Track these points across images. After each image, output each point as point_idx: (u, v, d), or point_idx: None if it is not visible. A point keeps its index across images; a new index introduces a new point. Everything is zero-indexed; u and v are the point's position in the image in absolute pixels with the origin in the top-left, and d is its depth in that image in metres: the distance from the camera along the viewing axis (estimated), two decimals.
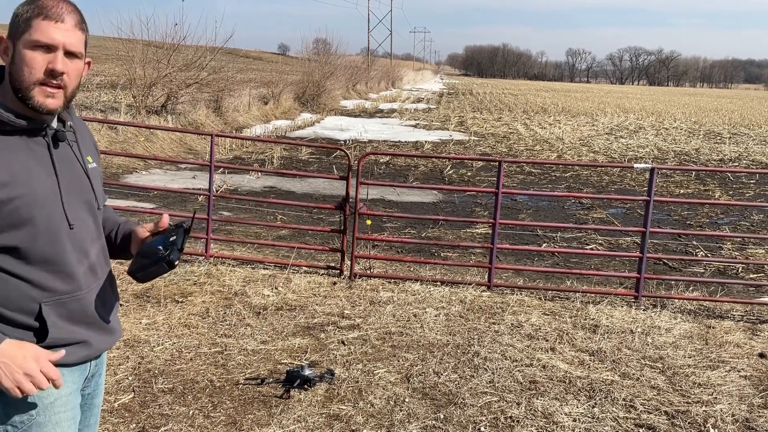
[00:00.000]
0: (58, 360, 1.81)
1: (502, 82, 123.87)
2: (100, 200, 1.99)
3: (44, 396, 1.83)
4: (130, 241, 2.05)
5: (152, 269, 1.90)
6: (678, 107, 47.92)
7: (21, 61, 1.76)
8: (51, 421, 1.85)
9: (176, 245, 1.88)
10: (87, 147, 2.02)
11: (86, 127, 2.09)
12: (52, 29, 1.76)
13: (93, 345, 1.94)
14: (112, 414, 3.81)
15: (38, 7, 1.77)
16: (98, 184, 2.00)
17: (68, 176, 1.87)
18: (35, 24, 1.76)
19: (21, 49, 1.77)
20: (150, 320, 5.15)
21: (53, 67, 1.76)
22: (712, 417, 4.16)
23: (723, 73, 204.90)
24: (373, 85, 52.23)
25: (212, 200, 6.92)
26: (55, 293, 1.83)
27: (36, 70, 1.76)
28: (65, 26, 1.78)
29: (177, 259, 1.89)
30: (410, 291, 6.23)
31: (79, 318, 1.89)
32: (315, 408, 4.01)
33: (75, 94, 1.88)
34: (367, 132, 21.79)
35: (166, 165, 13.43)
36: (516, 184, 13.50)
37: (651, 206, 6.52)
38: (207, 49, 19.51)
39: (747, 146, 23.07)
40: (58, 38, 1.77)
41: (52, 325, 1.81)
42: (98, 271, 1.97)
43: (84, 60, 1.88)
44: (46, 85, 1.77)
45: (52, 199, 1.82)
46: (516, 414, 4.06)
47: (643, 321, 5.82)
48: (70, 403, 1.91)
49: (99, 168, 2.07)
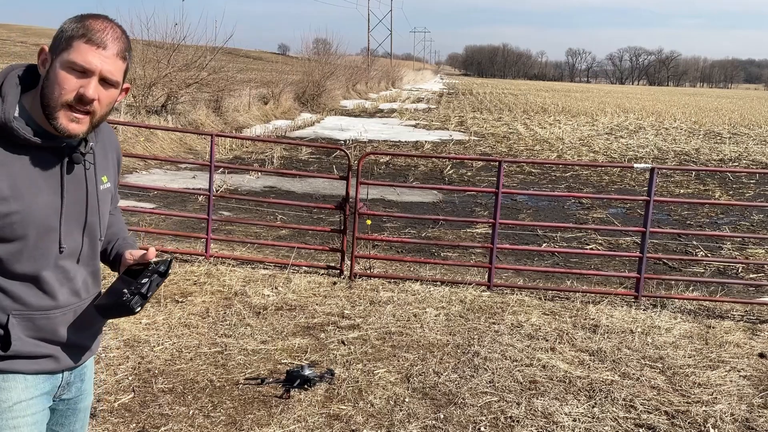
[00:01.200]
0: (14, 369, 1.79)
1: (502, 82, 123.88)
2: (103, 221, 1.94)
3: (2, 400, 1.80)
4: (119, 263, 2.00)
5: (113, 311, 1.86)
6: (678, 107, 47.92)
7: (54, 79, 1.71)
8: (8, 426, 1.81)
9: (143, 290, 1.83)
10: (105, 165, 1.96)
11: (114, 138, 2.04)
12: (91, 54, 1.71)
13: (60, 359, 1.89)
14: (112, 414, 3.81)
15: (84, 27, 1.72)
16: (106, 205, 1.95)
17: (74, 198, 1.82)
18: (76, 45, 1.70)
19: (57, 66, 1.71)
20: (150, 320, 5.15)
21: (84, 92, 1.71)
22: (712, 417, 4.16)
23: (723, 73, 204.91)
24: (373, 85, 52.23)
25: (212, 200, 6.91)
26: (26, 307, 1.78)
27: (66, 92, 1.70)
28: (106, 53, 1.72)
29: (139, 307, 1.83)
30: (410, 291, 6.23)
31: (46, 336, 1.84)
32: (315, 408, 4.01)
33: (104, 119, 1.83)
34: (367, 132, 21.79)
35: (166, 165, 13.43)
36: (516, 184, 13.50)
37: (651, 206, 6.52)
38: (207, 49, 19.51)
39: (747, 146, 23.07)
40: (95, 64, 1.71)
41: (15, 338, 1.77)
42: (81, 293, 1.91)
43: (120, 87, 1.83)
44: (73, 109, 1.72)
45: (50, 219, 1.78)
46: (516, 414, 4.06)
47: (643, 321, 5.82)
48: (32, 408, 1.86)
49: (113, 187, 2.01)
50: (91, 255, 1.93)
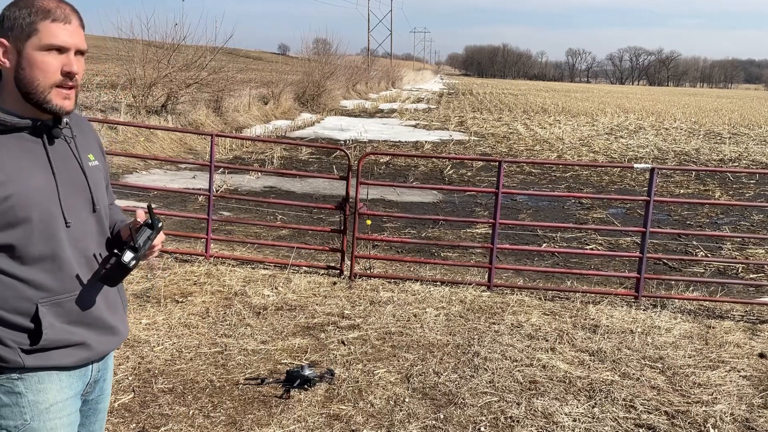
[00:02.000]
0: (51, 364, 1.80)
1: (502, 82, 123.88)
2: (100, 200, 1.95)
3: (40, 401, 1.80)
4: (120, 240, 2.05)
5: (113, 274, 1.88)
6: (678, 107, 47.92)
7: (32, 66, 1.75)
8: (46, 427, 1.82)
9: (131, 243, 1.86)
10: (88, 144, 1.98)
11: (89, 126, 2.06)
12: (62, 31, 1.76)
13: (93, 347, 1.89)
14: (112, 414, 3.81)
15: (41, 10, 1.75)
16: (99, 183, 1.97)
17: (66, 173, 1.84)
18: (43, 27, 1.75)
19: (30, 53, 1.75)
20: (150, 320, 5.15)
21: (69, 69, 1.77)
22: (712, 417, 4.16)
23: (723, 73, 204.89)
24: (373, 85, 52.23)
25: (212, 200, 6.91)
26: (51, 293, 1.79)
27: (51, 74, 1.76)
28: (72, 27, 1.79)
29: (133, 261, 1.86)
30: (410, 291, 6.23)
31: (77, 318, 1.85)
32: (315, 408, 4.01)
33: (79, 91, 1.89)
34: (367, 132, 21.79)
35: (166, 165, 13.43)
36: (516, 184, 13.50)
37: (651, 206, 6.52)
38: (207, 49, 19.51)
39: (747, 146, 23.07)
40: (69, 40, 1.77)
41: (47, 326, 1.77)
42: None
43: None
44: (62, 87, 1.78)
45: (49, 197, 1.79)
46: (516, 414, 4.06)
47: (643, 321, 5.82)
48: (67, 409, 1.88)
49: (103, 166, 2.03)
50: (101, 231, 1.95)
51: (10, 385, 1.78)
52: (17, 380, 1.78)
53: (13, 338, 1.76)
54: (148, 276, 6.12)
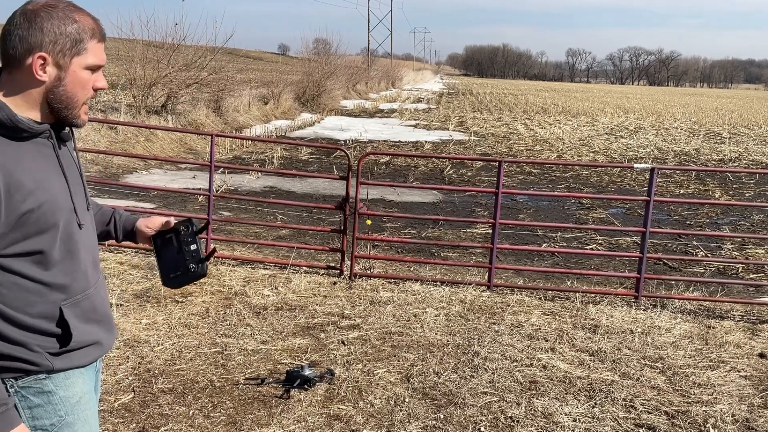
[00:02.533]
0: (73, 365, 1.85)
1: (502, 82, 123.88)
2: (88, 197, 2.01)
3: (70, 396, 1.85)
4: (134, 236, 2.19)
5: (185, 281, 2.09)
6: (678, 107, 47.92)
7: (75, 84, 1.77)
8: (80, 419, 1.88)
9: (199, 255, 2.08)
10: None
11: None
12: (102, 51, 1.81)
13: (103, 344, 1.96)
14: (112, 414, 3.81)
15: (88, 29, 1.77)
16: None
17: (72, 177, 1.88)
18: (91, 47, 1.78)
19: (76, 71, 1.76)
20: (150, 320, 5.15)
21: (101, 86, 1.83)
22: (712, 417, 4.16)
23: (723, 73, 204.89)
24: (373, 85, 52.22)
25: (212, 200, 6.91)
26: (70, 294, 1.82)
27: (87, 91, 1.80)
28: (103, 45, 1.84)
29: (207, 269, 2.10)
30: (410, 291, 6.23)
31: (91, 316, 1.89)
32: (315, 408, 4.01)
33: None
34: (367, 132, 21.79)
35: (166, 165, 13.43)
36: (516, 184, 13.50)
37: (651, 206, 6.52)
38: (207, 49, 19.51)
39: (747, 146, 23.07)
40: (104, 59, 1.83)
41: (74, 327, 1.81)
42: (99, 266, 1.99)
43: None
44: (86, 104, 1.83)
45: (66, 200, 1.82)
46: (516, 414, 4.06)
47: (643, 321, 5.82)
48: (92, 400, 1.96)
49: None
50: (93, 228, 2.00)
51: (39, 386, 1.80)
52: (45, 380, 1.80)
53: (39, 343, 1.77)
54: (148, 276, 6.12)
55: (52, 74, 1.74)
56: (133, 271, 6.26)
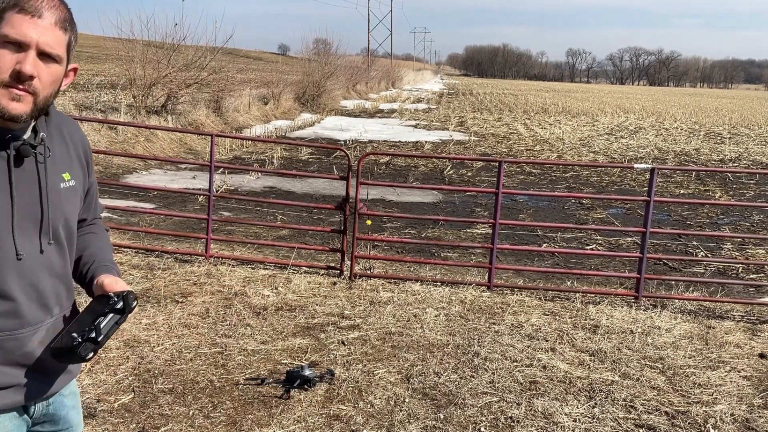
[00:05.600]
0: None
1: (502, 82, 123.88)
2: (63, 228, 1.70)
3: None
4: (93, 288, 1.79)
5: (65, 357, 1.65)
6: (678, 107, 47.91)
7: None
8: None
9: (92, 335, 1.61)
10: (67, 161, 1.74)
11: (76, 131, 1.82)
12: (26, 24, 1.51)
13: (27, 389, 1.66)
14: (112, 414, 3.81)
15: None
16: (72, 206, 1.74)
17: (27, 198, 1.60)
18: (8, 17, 1.51)
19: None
20: (150, 320, 5.15)
21: (20, 68, 1.50)
22: (712, 417, 4.15)
23: (723, 74, 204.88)
24: (373, 85, 52.22)
25: (212, 200, 6.91)
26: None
27: (2, 71, 1.50)
28: (42, 23, 1.52)
29: (90, 353, 1.61)
30: (410, 291, 6.23)
31: (14, 360, 1.62)
32: (315, 408, 4.01)
33: (49, 102, 1.62)
34: (367, 132, 21.79)
35: (166, 165, 13.43)
36: (516, 185, 13.49)
37: (651, 206, 6.52)
38: (207, 49, 19.51)
39: (747, 146, 23.07)
40: (30, 35, 1.51)
41: None
42: (52, 307, 1.69)
43: (65, 65, 1.62)
44: (12, 88, 1.52)
45: (0, 222, 1.56)
46: (516, 414, 4.05)
47: (643, 321, 5.82)
48: None
49: (82, 184, 1.80)
50: (60, 263, 1.71)
51: None
52: None
53: None
54: (148, 276, 6.12)
55: None
56: (133, 271, 6.26)
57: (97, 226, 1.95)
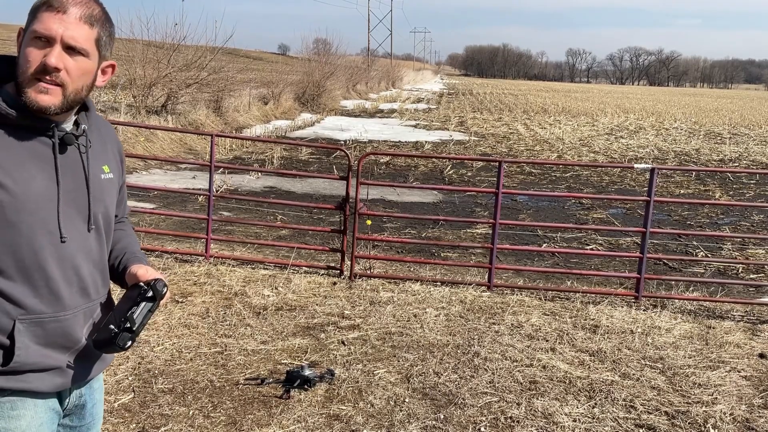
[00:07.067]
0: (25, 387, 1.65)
1: (502, 82, 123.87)
2: (103, 216, 1.79)
3: (10, 429, 1.66)
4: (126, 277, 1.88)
5: (106, 347, 1.70)
6: (678, 107, 47.91)
7: (22, 54, 1.61)
8: None
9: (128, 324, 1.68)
10: (105, 155, 1.84)
11: (111, 132, 1.92)
12: (51, 20, 1.59)
13: (69, 373, 1.73)
14: (112, 414, 3.81)
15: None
16: (106, 198, 1.80)
17: (72, 185, 1.69)
18: (39, 15, 1.61)
19: (26, 40, 1.62)
20: (150, 320, 5.14)
21: (46, 61, 1.58)
22: (712, 417, 4.15)
23: (723, 74, 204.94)
24: (373, 85, 52.22)
25: (212, 200, 6.91)
26: (32, 311, 1.63)
27: (31, 64, 1.59)
28: (67, 18, 1.60)
29: (129, 342, 1.69)
30: (410, 291, 6.23)
31: (57, 342, 1.68)
32: (315, 408, 4.01)
33: (80, 96, 1.68)
34: (367, 132, 21.79)
35: (166, 165, 13.43)
36: (516, 185, 13.49)
37: (651, 206, 6.52)
38: (207, 49, 19.52)
39: (747, 146, 23.07)
40: (55, 29, 1.59)
41: (21, 347, 1.62)
42: (91, 292, 1.77)
43: (96, 60, 1.69)
44: (40, 81, 1.60)
45: (46, 207, 1.63)
46: (516, 414, 4.05)
47: (643, 321, 5.82)
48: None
49: (118, 178, 1.89)
50: (99, 250, 1.79)
51: None
52: None
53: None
54: None
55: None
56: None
57: (126, 224, 2.06)
